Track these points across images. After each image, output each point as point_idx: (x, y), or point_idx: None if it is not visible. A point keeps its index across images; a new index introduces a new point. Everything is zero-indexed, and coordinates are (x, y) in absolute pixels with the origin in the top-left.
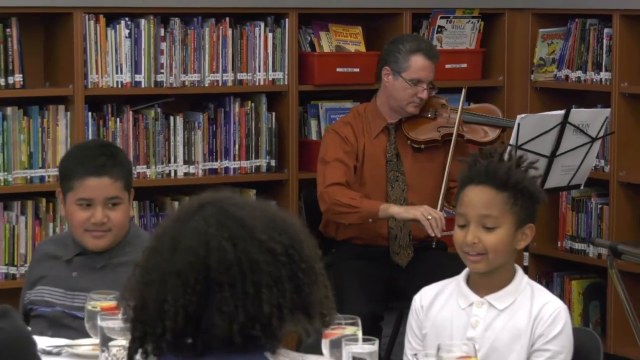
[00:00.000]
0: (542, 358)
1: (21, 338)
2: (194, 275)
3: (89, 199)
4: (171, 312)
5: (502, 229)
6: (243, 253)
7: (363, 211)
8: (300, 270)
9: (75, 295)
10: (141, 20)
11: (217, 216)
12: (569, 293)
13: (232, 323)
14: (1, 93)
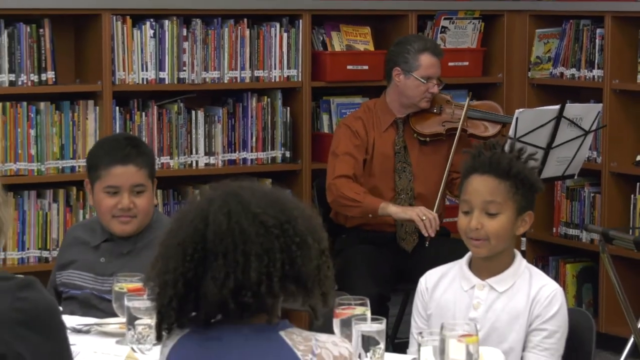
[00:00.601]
0: (540, 337)
1: (46, 306)
2: (193, 246)
3: (115, 187)
4: (171, 279)
5: (503, 216)
6: (236, 224)
7: (364, 207)
8: (294, 244)
9: (105, 280)
10: (165, 21)
11: (221, 196)
12: (564, 276)
13: (222, 289)
14: (35, 89)
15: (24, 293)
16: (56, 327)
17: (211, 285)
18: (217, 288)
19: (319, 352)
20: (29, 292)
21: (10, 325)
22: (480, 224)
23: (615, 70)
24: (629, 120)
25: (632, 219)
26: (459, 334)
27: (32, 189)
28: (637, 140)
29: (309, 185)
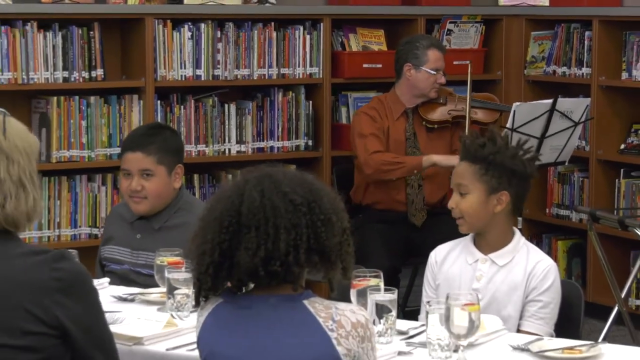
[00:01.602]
0: (535, 307)
1: (79, 275)
2: (228, 219)
3: (127, 170)
4: (209, 248)
5: (471, 196)
6: (268, 201)
7: (409, 164)
8: (319, 221)
9: (140, 254)
10: (201, 25)
11: (256, 177)
12: (555, 251)
13: (254, 258)
14: (86, 85)
15: (59, 264)
16: (88, 292)
17: (244, 255)
18: (249, 257)
19: (338, 319)
20: (63, 263)
21: (48, 293)
22: (455, 204)
23: (601, 69)
24: (614, 113)
25: (617, 201)
26: (462, 303)
27: (83, 174)
28: (621, 130)
29: (329, 170)
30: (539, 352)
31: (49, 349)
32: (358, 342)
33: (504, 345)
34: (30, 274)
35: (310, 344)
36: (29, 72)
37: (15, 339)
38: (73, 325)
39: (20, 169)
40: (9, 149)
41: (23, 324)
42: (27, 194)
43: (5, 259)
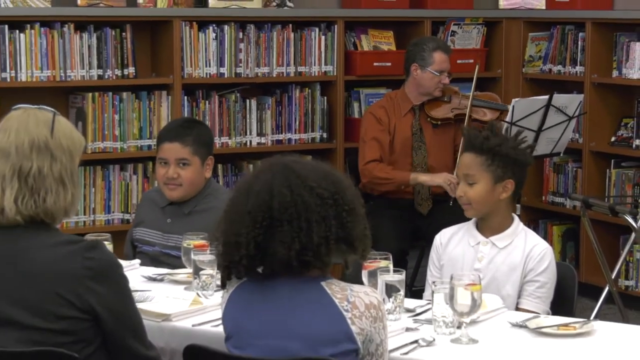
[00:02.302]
0: (533, 287)
1: (110, 263)
2: (261, 215)
3: (165, 159)
4: (244, 242)
5: (479, 185)
6: (298, 197)
7: (397, 181)
8: (344, 211)
9: (170, 237)
10: (225, 26)
11: (281, 171)
12: (551, 236)
13: (290, 250)
14: (119, 82)
15: (91, 253)
16: (118, 280)
17: (280, 248)
18: (285, 250)
19: (353, 301)
20: (94, 253)
21: (80, 280)
22: (463, 192)
23: (594, 67)
24: (605, 108)
25: (607, 189)
26: (465, 283)
27: (116, 164)
28: (612, 124)
29: (342, 161)
30: (536, 329)
31: (81, 332)
32: (370, 322)
33: (503, 322)
34: (64, 263)
35: (327, 323)
36: (67, 70)
37: (50, 322)
38: (104, 310)
39: (62, 167)
40: (54, 148)
41: (57, 309)
42: (66, 191)
43: (42, 249)
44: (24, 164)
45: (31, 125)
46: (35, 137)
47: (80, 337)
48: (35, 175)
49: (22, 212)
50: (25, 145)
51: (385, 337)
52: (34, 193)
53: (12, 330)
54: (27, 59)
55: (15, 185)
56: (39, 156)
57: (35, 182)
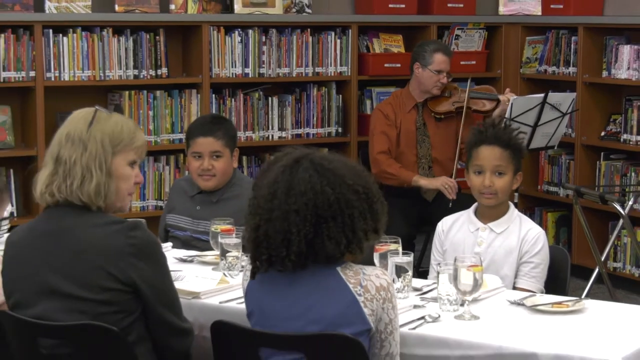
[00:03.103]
0: (528, 268)
1: (150, 242)
2: (309, 212)
3: (199, 152)
4: (295, 239)
5: (507, 176)
6: (340, 194)
7: (401, 179)
8: (374, 203)
9: (199, 223)
10: (249, 30)
11: (315, 169)
12: (546, 222)
13: (339, 245)
14: (153, 81)
15: (133, 232)
16: (157, 257)
17: (328, 243)
18: (333, 245)
19: (365, 284)
20: (136, 232)
21: (123, 257)
22: (492, 182)
23: (585, 68)
24: (595, 105)
25: (598, 179)
26: (468, 264)
27: (150, 155)
28: (601, 120)
29: (355, 153)
30: (532, 306)
31: (122, 303)
32: (381, 304)
33: (502, 300)
34: (109, 240)
35: (342, 306)
36: (105, 71)
37: (95, 294)
38: (143, 283)
39: (90, 157)
40: (87, 140)
41: (102, 282)
42: (92, 179)
43: (87, 227)
44: (60, 152)
45: (73, 121)
46: (71, 130)
47: (121, 308)
48: (68, 162)
49: (56, 194)
50: (63, 136)
51: (395, 316)
52: (65, 178)
53: (60, 299)
54: (70, 60)
55: (51, 169)
56: (72, 146)
57: (66, 169)
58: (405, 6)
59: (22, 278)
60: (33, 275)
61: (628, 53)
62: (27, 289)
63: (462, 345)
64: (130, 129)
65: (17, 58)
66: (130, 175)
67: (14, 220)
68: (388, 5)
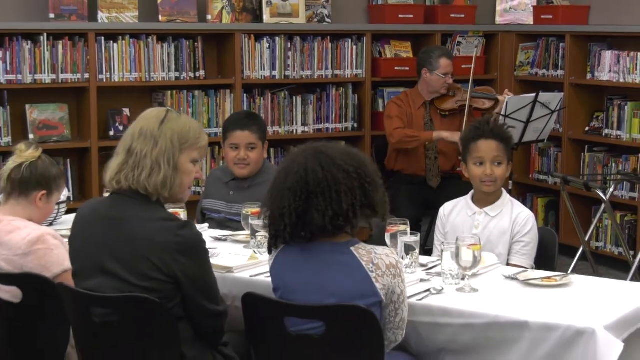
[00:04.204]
0: (520, 246)
1: (196, 241)
2: (300, 189)
3: (236, 144)
4: (287, 212)
5: (504, 165)
6: (328, 173)
7: (422, 138)
8: (366, 182)
9: (233, 206)
10: (276, 38)
11: (314, 154)
12: (536, 206)
13: (325, 217)
14: (192, 82)
15: (181, 231)
16: (200, 253)
17: (316, 215)
18: (320, 217)
19: (376, 262)
20: (184, 231)
21: (171, 253)
22: (492, 171)
23: (572, 71)
24: (580, 104)
25: (582, 169)
26: (468, 244)
27: None
28: (586, 117)
29: (369, 145)
30: (524, 281)
31: (164, 291)
32: (391, 279)
33: (498, 275)
34: (160, 236)
35: (355, 281)
36: (150, 73)
37: (140, 280)
38: (184, 277)
39: (160, 152)
40: (158, 136)
41: (148, 271)
42: (159, 172)
43: (144, 220)
44: (133, 145)
45: (147, 118)
46: (144, 126)
47: (163, 295)
48: (139, 154)
49: (123, 182)
50: (136, 131)
51: (404, 289)
52: (134, 168)
53: (110, 279)
54: (119, 64)
55: (122, 159)
56: (144, 141)
57: (136, 160)
58: (413, 16)
59: (83, 252)
60: (91, 252)
61: (610, 58)
62: (86, 263)
63: (463, 315)
64: (197, 130)
65: (73, 62)
66: (192, 171)
67: (70, 204)
68: (398, 16)
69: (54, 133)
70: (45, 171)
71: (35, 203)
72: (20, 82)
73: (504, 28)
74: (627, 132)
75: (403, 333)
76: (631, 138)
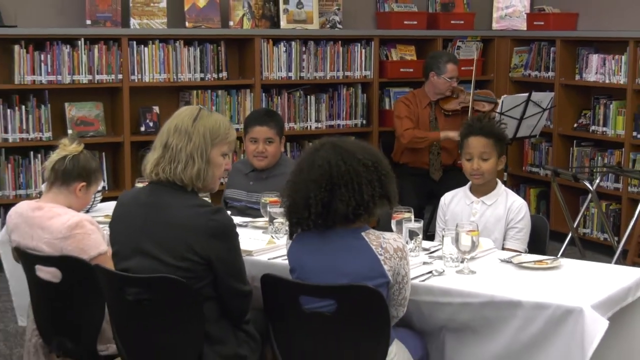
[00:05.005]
0: (514, 232)
1: (228, 226)
2: (324, 181)
3: (255, 138)
4: (313, 202)
5: (491, 160)
6: (350, 166)
7: (431, 138)
8: (382, 175)
9: (252, 195)
10: (292, 42)
11: (333, 148)
12: (529, 196)
13: (348, 207)
14: (215, 82)
15: (214, 216)
16: (231, 237)
17: (340, 205)
18: (344, 206)
19: (385, 246)
20: (218, 216)
21: (204, 236)
22: (478, 166)
23: (562, 72)
24: (569, 102)
25: (571, 162)
26: (467, 229)
27: None
28: (574, 114)
29: (376, 140)
30: (518, 263)
31: (196, 271)
32: (397, 261)
33: (494, 258)
34: (195, 220)
35: (366, 263)
36: (178, 74)
37: (176, 260)
38: (216, 259)
39: (194, 146)
40: (192, 132)
41: (183, 252)
42: (194, 165)
43: (180, 207)
44: (169, 140)
45: (181, 115)
46: (179, 123)
47: (195, 274)
48: (174, 149)
49: (160, 174)
50: (172, 127)
51: (408, 271)
52: (171, 162)
53: (148, 259)
54: (150, 66)
55: (159, 153)
56: (179, 137)
57: (172, 155)
58: (417, 22)
59: (123, 235)
60: (131, 235)
61: (596, 61)
62: (125, 245)
63: (462, 294)
64: (227, 126)
65: (108, 64)
66: (222, 164)
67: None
68: (403, 22)
69: (91, 129)
70: (86, 164)
71: (75, 193)
72: (60, 83)
73: (500, 33)
74: (612, 129)
75: (404, 310)
76: (615, 134)
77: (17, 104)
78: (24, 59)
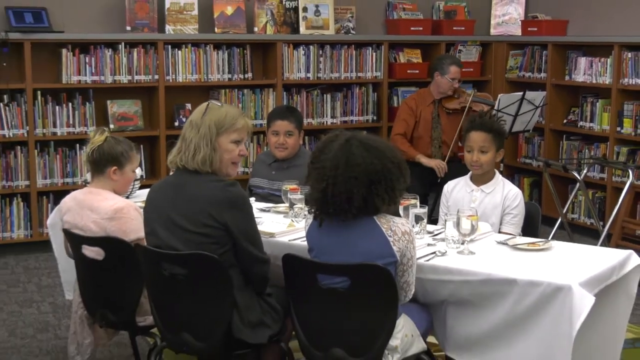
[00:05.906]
0: (509, 217)
1: (241, 196)
2: (364, 178)
3: (277, 131)
4: (358, 198)
5: (490, 152)
6: (383, 165)
7: (408, 155)
8: (403, 170)
9: (274, 183)
10: (310, 46)
11: (363, 146)
12: (523, 184)
13: (384, 202)
14: (242, 82)
15: (229, 188)
16: (245, 206)
17: (377, 200)
18: (380, 201)
19: (394, 229)
20: (232, 188)
21: (221, 205)
22: (478, 157)
23: (553, 73)
24: (560, 101)
25: (561, 154)
26: (467, 214)
27: None
28: (564, 111)
29: (385, 134)
30: (513, 245)
31: (217, 237)
32: (405, 244)
33: (491, 241)
34: (213, 192)
35: (377, 244)
36: (208, 75)
37: (198, 228)
38: (233, 225)
39: (200, 137)
40: (200, 125)
41: (204, 220)
42: (199, 152)
43: (200, 182)
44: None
45: (195, 112)
46: (193, 118)
47: (217, 240)
48: (187, 140)
49: (178, 163)
50: (188, 122)
51: (414, 254)
52: (185, 152)
53: (176, 230)
54: (183, 67)
55: (179, 145)
56: (192, 129)
57: (186, 145)
58: (422, 29)
59: (155, 214)
60: (161, 212)
61: (584, 63)
62: (157, 222)
63: (462, 273)
64: (234, 116)
65: (145, 66)
66: (233, 149)
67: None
68: (410, 28)
69: (130, 124)
70: (111, 150)
71: (110, 177)
72: (103, 82)
73: (497, 38)
74: (598, 124)
75: (406, 295)
76: (601, 129)
77: (64, 101)
78: (70, 61)
